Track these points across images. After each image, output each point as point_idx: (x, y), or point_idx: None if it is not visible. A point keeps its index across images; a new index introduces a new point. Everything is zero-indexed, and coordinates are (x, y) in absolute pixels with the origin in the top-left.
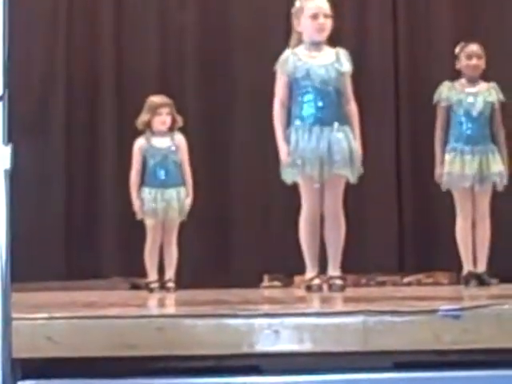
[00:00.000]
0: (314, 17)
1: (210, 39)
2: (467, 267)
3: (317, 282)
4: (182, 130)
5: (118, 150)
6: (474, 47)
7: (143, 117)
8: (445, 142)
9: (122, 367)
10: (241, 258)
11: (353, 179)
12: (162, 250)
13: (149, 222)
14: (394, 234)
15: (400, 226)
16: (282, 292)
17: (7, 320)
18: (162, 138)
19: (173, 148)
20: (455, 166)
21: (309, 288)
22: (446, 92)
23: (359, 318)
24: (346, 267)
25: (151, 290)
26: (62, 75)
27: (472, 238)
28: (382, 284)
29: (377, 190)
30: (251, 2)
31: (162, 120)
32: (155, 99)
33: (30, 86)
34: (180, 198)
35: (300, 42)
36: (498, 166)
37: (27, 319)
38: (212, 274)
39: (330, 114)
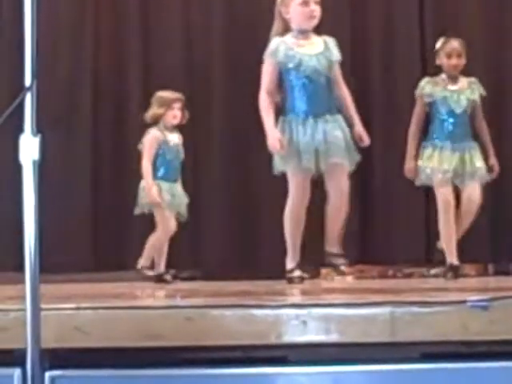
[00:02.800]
0: (305, 3)
1: (237, 33)
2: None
3: (297, 273)
4: (210, 123)
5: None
6: (454, 44)
7: (156, 110)
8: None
9: (150, 357)
10: (267, 250)
11: (351, 166)
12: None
13: (163, 213)
14: (421, 226)
15: (427, 217)
16: (309, 283)
17: (36, 310)
18: (172, 134)
19: (180, 144)
20: (434, 161)
21: (290, 280)
22: (430, 88)
23: (387, 309)
24: (373, 259)
25: (166, 282)
26: (88, 68)
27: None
28: (409, 276)
29: (403, 182)
30: None
31: (175, 114)
32: (168, 94)
33: (56, 79)
34: (183, 194)
35: (285, 30)
36: (478, 162)
37: (55, 309)
38: (238, 265)
39: (323, 104)
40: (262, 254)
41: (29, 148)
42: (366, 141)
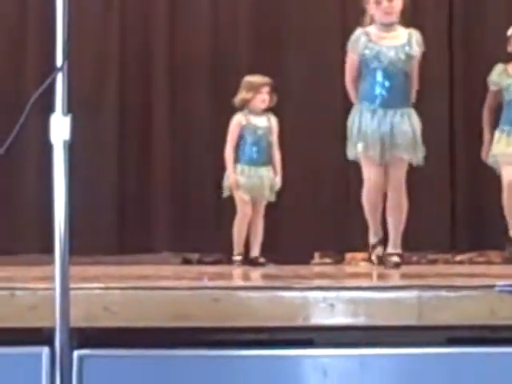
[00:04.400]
0: (378, 2)
1: (263, 19)
2: None
3: (379, 250)
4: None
5: (170, 127)
6: None
7: (245, 95)
8: (494, 125)
9: (177, 338)
10: (292, 236)
11: (416, 161)
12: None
13: (241, 197)
14: (446, 212)
15: (452, 204)
16: (334, 268)
17: (65, 289)
18: (259, 117)
19: (269, 128)
20: (500, 145)
21: (370, 259)
22: (496, 76)
23: (414, 293)
24: None
25: (236, 264)
26: (115, 52)
27: None
28: (434, 262)
29: (430, 168)
30: None
31: (263, 98)
32: (256, 78)
33: (84, 64)
34: (270, 177)
35: (372, 21)
36: None
37: (84, 289)
38: (262, 251)
39: (396, 96)
40: (284, 239)
41: (59, 128)
42: None
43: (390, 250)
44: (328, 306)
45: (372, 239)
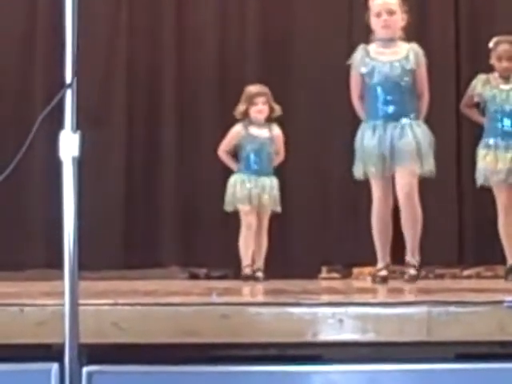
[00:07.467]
0: (378, 15)
1: (272, 30)
2: (510, 260)
3: (383, 273)
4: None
5: (178, 141)
6: (505, 47)
7: (240, 107)
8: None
9: (186, 354)
10: (299, 250)
11: (422, 172)
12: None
13: (243, 208)
14: (454, 227)
15: (460, 218)
16: (341, 283)
17: (74, 305)
18: (259, 129)
19: (269, 139)
20: (488, 162)
21: (373, 279)
22: (481, 88)
23: (423, 309)
24: (404, 259)
25: (244, 278)
26: (123, 67)
27: None
28: (441, 277)
29: (437, 182)
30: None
31: (259, 109)
32: (251, 88)
33: (91, 78)
34: (272, 187)
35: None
36: None
37: (93, 305)
38: (270, 265)
39: (395, 110)
40: (292, 252)
41: (69, 144)
42: None
43: (407, 258)
44: (337, 322)
45: (379, 264)
